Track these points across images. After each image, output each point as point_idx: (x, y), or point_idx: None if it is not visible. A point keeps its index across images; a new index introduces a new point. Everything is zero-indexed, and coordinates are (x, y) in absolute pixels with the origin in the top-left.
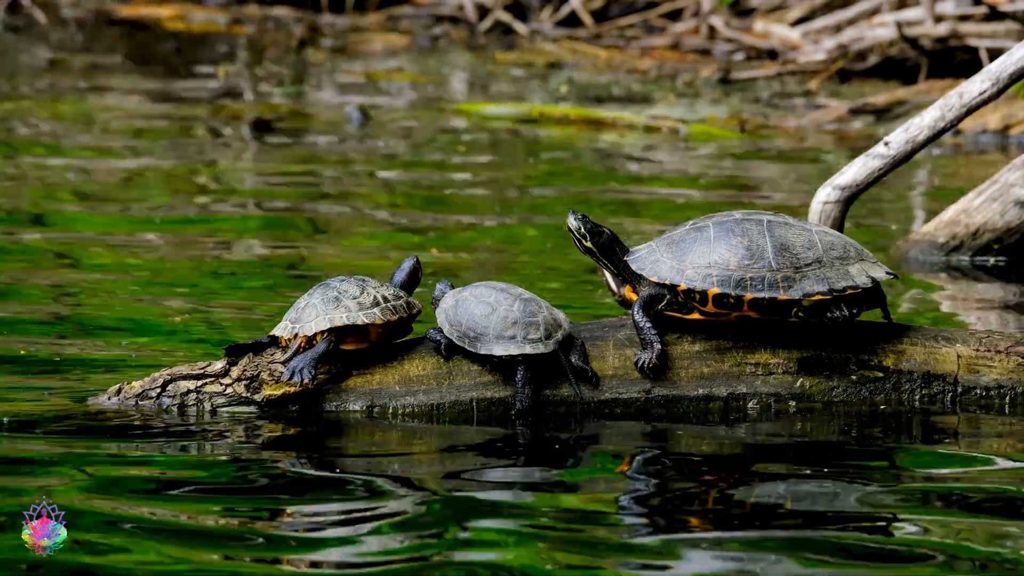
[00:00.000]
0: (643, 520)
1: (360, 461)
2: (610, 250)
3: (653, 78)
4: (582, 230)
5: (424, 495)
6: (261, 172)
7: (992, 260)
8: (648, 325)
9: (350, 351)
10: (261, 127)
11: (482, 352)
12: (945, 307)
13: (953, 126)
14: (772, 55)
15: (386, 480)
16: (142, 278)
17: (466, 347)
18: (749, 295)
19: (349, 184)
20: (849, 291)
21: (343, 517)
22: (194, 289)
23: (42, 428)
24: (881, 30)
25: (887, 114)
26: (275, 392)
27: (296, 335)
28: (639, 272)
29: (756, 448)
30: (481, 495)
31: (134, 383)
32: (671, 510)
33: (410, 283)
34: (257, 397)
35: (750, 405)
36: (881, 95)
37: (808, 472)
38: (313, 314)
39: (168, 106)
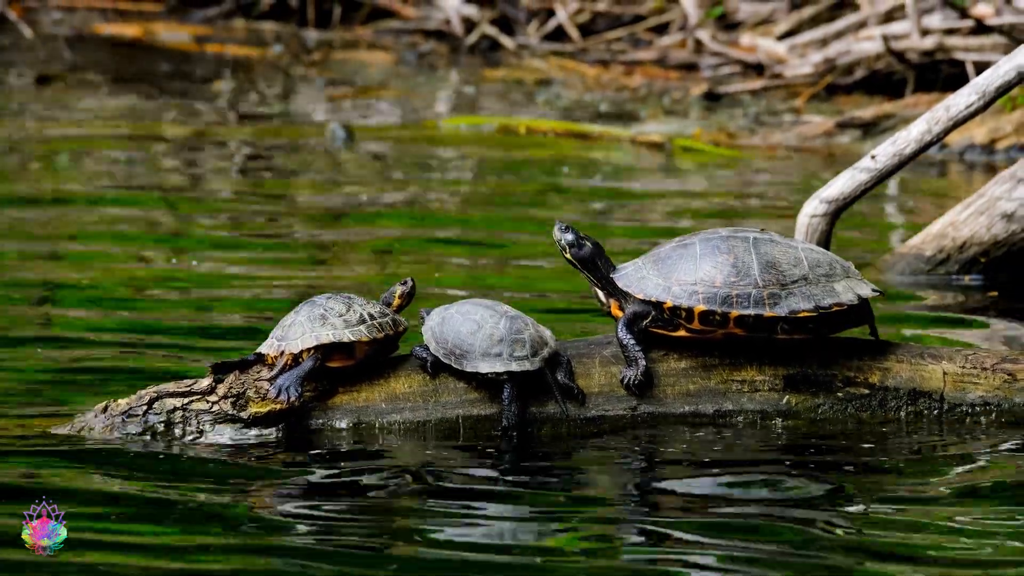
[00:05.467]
0: (630, 537)
1: (345, 478)
2: (592, 263)
3: (642, 96)
4: (563, 241)
5: (410, 513)
6: (249, 192)
7: (980, 278)
8: (632, 342)
9: (336, 368)
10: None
11: (468, 369)
12: (931, 322)
13: (940, 139)
14: (759, 69)
15: (371, 498)
16: (130, 296)
17: (452, 364)
18: (735, 312)
19: (336, 203)
20: (835, 308)
21: (327, 533)
22: (181, 308)
23: (26, 447)
24: (867, 44)
25: (874, 128)
26: (261, 409)
27: (282, 352)
28: (625, 289)
29: (742, 466)
30: (467, 512)
31: (120, 401)
32: (658, 526)
33: (401, 302)
34: (243, 414)
35: (736, 422)
36: (868, 109)
37: (793, 490)
38: (299, 331)
39: (157, 125)
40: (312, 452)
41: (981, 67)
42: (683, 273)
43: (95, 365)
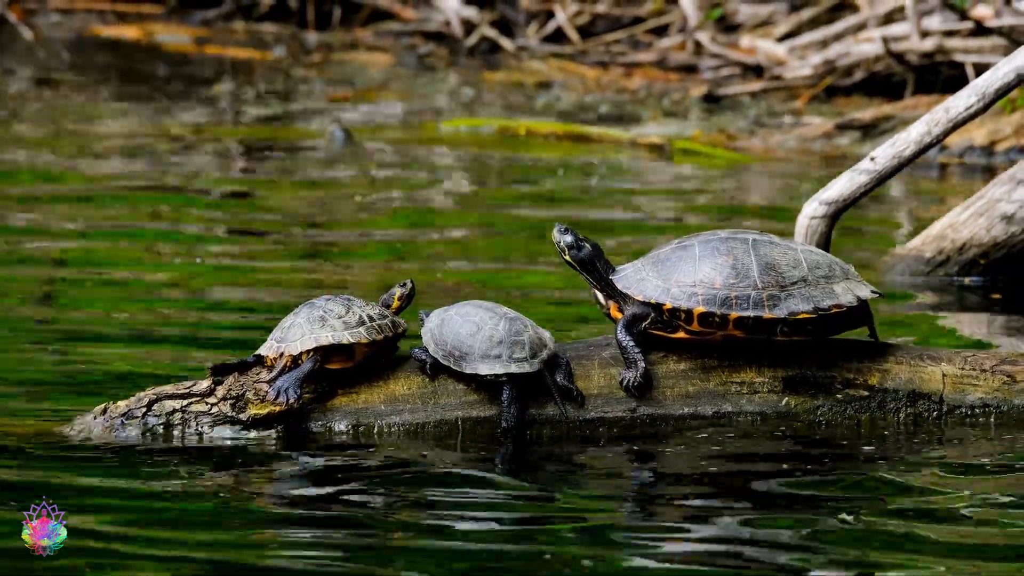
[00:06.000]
0: (629, 539)
1: (344, 481)
2: (591, 265)
3: (641, 97)
4: (562, 243)
5: (409, 515)
6: (249, 192)
7: (980, 280)
8: (631, 344)
9: (335, 370)
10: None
11: (467, 371)
12: (931, 324)
13: (939, 141)
14: (758, 71)
15: (370, 500)
16: (132, 297)
17: (451, 366)
18: (734, 314)
19: (335, 205)
20: (834, 309)
21: (325, 535)
22: (181, 309)
23: (25, 449)
24: (867, 46)
25: (873, 130)
26: (261, 411)
27: (282, 354)
28: (624, 291)
29: (740, 468)
30: (466, 514)
31: (119, 403)
32: (657, 529)
33: (401, 304)
34: (243, 416)
35: (735, 424)
36: (867, 111)
37: (792, 493)
38: (299, 333)
39: (157, 127)
40: (311, 454)
41: (981, 69)
42: (682, 275)
43: (95, 366)
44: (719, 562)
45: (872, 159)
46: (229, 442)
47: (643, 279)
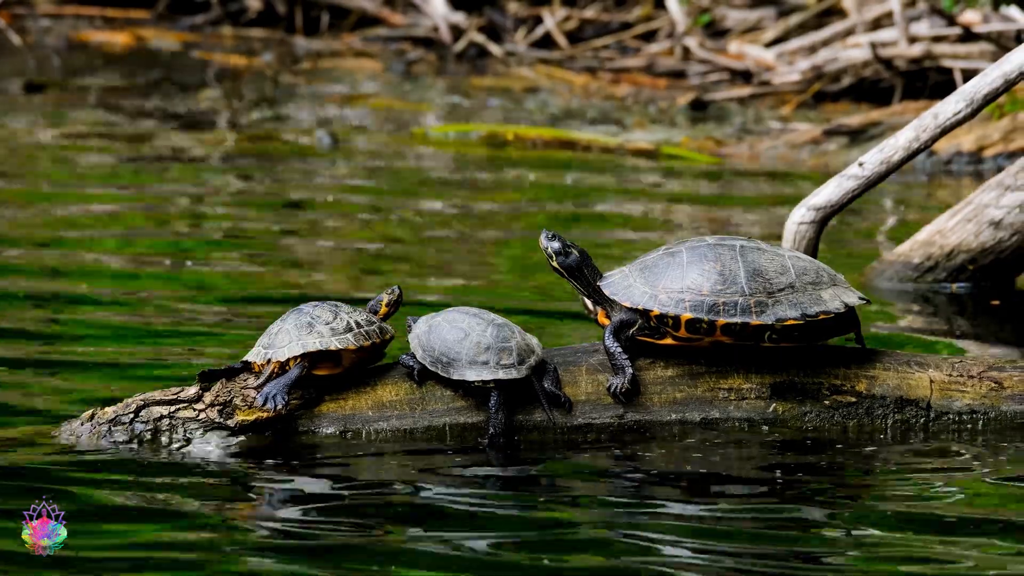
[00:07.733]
0: (616, 545)
1: (332, 487)
2: (578, 271)
3: (629, 104)
4: (549, 250)
5: (397, 522)
6: (236, 197)
7: (968, 285)
8: (619, 350)
9: (323, 376)
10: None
11: (455, 377)
12: (919, 330)
13: (927, 147)
14: (746, 76)
15: (357, 506)
16: (121, 300)
17: (439, 372)
18: (722, 320)
19: (323, 209)
20: (822, 316)
21: (313, 540)
22: (169, 315)
23: (11, 456)
24: (855, 51)
25: (862, 135)
26: (248, 418)
27: (269, 360)
28: (612, 297)
29: (728, 474)
30: (454, 520)
31: (107, 409)
32: (645, 535)
33: (388, 310)
34: (230, 423)
35: (723, 430)
36: (855, 116)
37: (780, 499)
38: (286, 339)
39: (146, 130)
40: (299, 460)
41: (969, 74)
42: (670, 281)
43: (85, 371)
44: (707, 567)
45: (860, 165)
46: (216, 448)
47: (631, 285)
